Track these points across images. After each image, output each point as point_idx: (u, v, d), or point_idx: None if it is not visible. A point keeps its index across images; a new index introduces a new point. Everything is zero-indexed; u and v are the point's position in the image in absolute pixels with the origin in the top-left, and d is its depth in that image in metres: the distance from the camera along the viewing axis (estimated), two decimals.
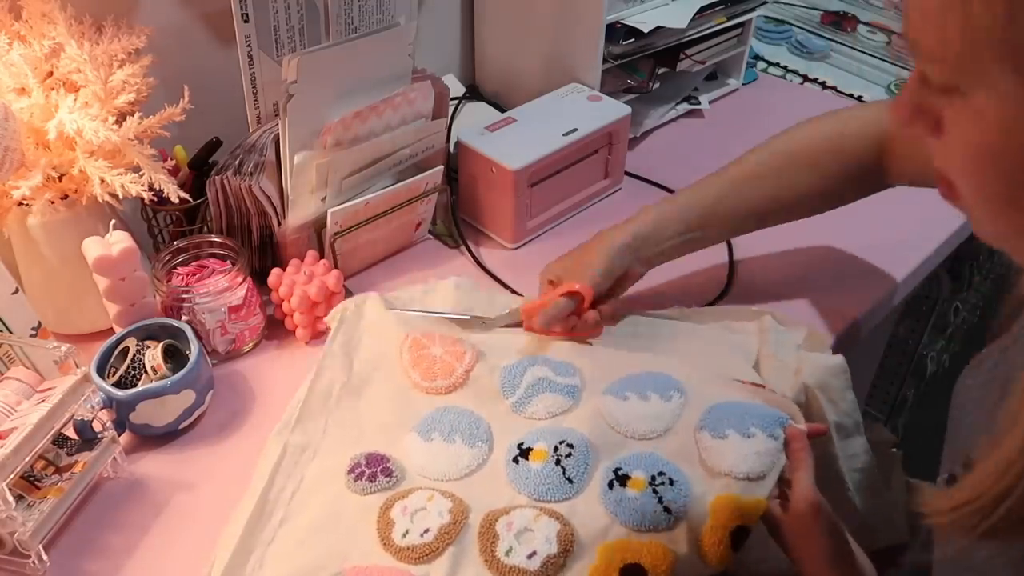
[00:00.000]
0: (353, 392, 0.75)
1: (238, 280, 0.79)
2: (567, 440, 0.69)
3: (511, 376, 0.76)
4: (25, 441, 0.62)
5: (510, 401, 0.74)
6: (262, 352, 0.84)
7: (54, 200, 0.76)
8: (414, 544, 0.62)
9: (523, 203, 0.94)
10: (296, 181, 0.81)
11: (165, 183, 0.74)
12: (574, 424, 0.71)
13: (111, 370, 0.73)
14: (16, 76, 0.73)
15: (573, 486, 0.66)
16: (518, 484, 0.67)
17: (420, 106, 0.89)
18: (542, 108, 1.00)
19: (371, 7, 0.90)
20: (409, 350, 0.77)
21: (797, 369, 0.76)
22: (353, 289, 0.90)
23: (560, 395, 0.74)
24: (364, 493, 0.66)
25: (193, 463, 0.73)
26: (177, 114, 0.78)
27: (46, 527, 0.64)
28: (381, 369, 0.77)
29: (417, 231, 0.97)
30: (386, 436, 0.72)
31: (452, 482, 0.68)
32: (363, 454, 0.69)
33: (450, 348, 0.77)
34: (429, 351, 0.77)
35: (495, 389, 0.75)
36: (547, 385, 0.74)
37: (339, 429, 0.72)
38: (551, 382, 0.75)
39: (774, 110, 1.23)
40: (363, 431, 0.73)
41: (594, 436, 0.70)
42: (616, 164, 1.03)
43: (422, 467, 0.69)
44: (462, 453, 0.70)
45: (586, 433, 0.70)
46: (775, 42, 1.42)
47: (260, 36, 0.82)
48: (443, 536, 0.63)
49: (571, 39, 1.05)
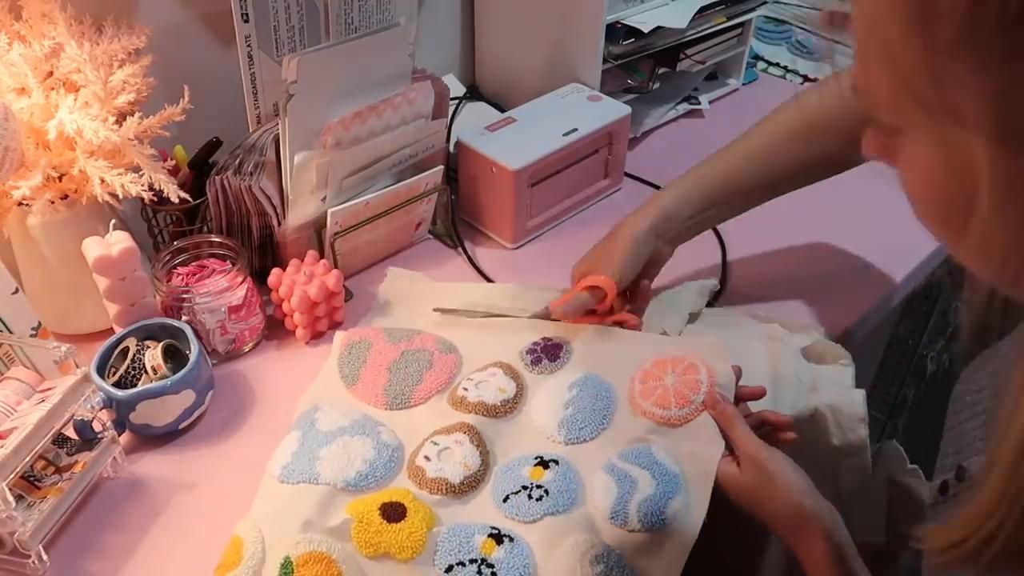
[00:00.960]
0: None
1: (238, 280, 0.79)
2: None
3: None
4: (25, 441, 0.62)
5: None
6: (262, 352, 0.84)
7: (54, 200, 0.76)
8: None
9: (523, 203, 0.94)
10: (296, 181, 0.81)
11: (165, 183, 0.74)
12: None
13: (111, 370, 0.73)
14: (16, 76, 0.73)
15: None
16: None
17: (420, 106, 0.89)
18: (542, 108, 1.00)
19: (371, 7, 0.90)
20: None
21: (812, 387, 0.77)
22: (353, 289, 0.90)
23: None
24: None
25: (193, 463, 0.73)
26: (177, 114, 0.78)
27: (46, 527, 0.64)
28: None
29: (417, 231, 0.97)
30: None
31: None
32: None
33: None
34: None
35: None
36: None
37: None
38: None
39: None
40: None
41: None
42: (616, 164, 1.03)
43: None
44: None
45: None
46: (775, 42, 1.42)
47: (260, 36, 0.82)
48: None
49: (571, 39, 1.05)
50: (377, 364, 0.78)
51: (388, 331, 0.81)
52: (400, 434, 0.73)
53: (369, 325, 0.85)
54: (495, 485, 0.68)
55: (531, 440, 0.72)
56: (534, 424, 0.73)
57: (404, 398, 0.75)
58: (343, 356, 0.79)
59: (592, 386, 0.73)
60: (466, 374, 0.77)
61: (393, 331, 0.81)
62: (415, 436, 0.72)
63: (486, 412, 0.73)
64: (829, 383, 0.77)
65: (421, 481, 0.68)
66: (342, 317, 0.86)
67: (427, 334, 0.81)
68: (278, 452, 0.70)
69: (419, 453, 0.70)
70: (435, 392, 0.76)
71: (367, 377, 0.77)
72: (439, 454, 0.70)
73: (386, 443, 0.71)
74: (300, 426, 0.72)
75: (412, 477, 0.69)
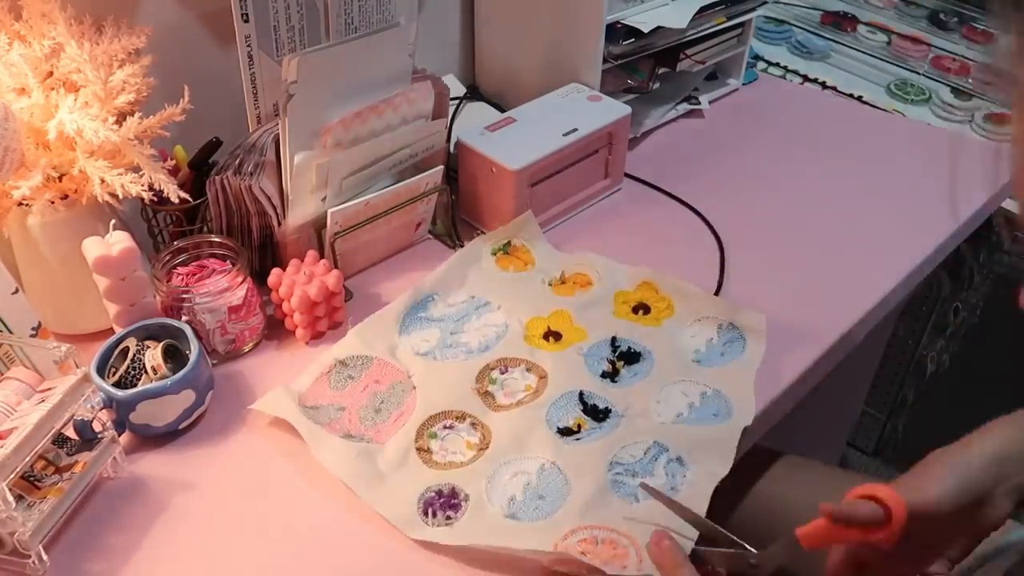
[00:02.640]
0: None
1: (238, 280, 0.79)
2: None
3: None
4: (25, 441, 0.62)
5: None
6: (262, 352, 0.84)
7: (54, 200, 0.76)
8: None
9: (523, 203, 0.94)
10: (296, 181, 0.81)
11: (165, 183, 0.74)
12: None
13: (111, 370, 0.73)
14: (16, 76, 0.73)
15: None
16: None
17: (420, 106, 0.89)
18: (542, 108, 1.00)
19: (371, 7, 0.90)
20: None
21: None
22: (353, 289, 0.90)
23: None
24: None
25: (193, 463, 0.73)
26: (177, 114, 0.78)
27: (46, 527, 0.64)
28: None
29: (417, 231, 0.97)
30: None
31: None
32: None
33: None
34: None
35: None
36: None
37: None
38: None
39: (774, 110, 1.23)
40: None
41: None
42: (616, 164, 1.03)
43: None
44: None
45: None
46: (775, 42, 1.42)
47: (260, 36, 0.82)
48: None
49: (571, 39, 1.05)
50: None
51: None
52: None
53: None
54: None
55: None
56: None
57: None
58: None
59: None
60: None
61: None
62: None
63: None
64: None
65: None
66: (342, 317, 0.86)
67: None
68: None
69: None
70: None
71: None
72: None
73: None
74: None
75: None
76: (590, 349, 0.82)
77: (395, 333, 0.83)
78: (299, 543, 0.66)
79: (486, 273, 0.91)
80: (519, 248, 0.94)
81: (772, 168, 1.10)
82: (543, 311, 0.86)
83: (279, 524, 0.68)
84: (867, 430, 1.66)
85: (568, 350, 0.82)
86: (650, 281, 0.90)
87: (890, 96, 1.28)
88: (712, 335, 0.83)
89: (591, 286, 0.90)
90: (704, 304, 0.86)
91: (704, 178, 1.07)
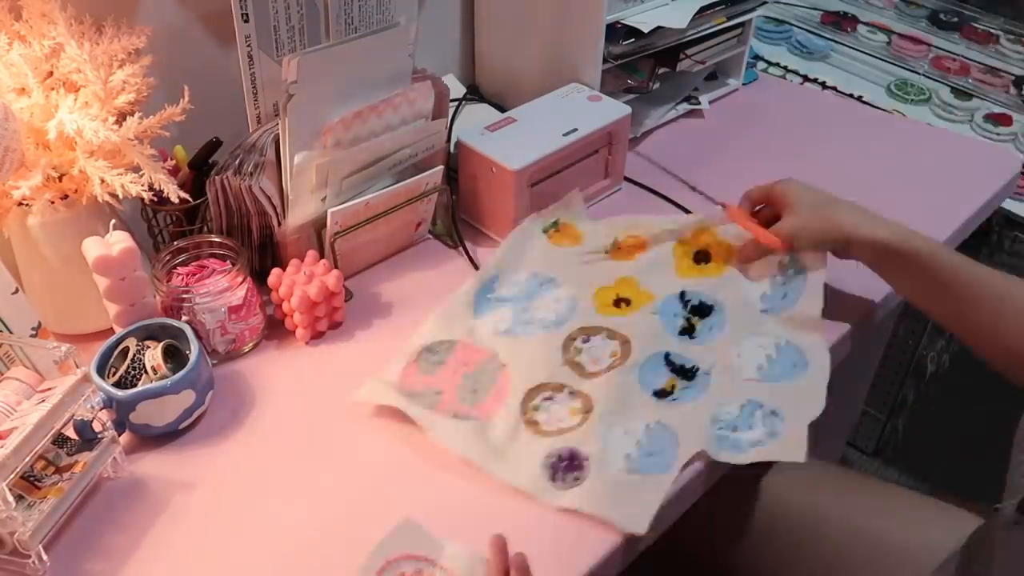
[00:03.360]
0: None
1: (238, 280, 0.79)
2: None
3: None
4: (25, 441, 0.62)
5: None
6: (262, 352, 0.84)
7: (54, 200, 0.76)
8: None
9: (523, 203, 0.94)
10: (296, 181, 0.81)
11: (165, 183, 0.74)
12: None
13: (111, 370, 0.73)
14: (16, 76, 0.73)
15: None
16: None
17: (420, 106, 0.89)
18: (542, 108, 1.00)
19: (371, 7, 0.90)
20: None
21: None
22: (353, 289, 0.90)
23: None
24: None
25: (193, 463, 0.73)
26: (177, 114, 0.78)
27: (46, 527, 0.64)
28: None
29: (417, 231, 0.97)
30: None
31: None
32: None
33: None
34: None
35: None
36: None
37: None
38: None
39: (774, 110, 1.23)
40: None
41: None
42: (616, 164, 1.03)
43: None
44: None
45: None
46: (775, 42, 1.42)
47: (260, 36, 0.82)
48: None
49: (571, 39, 1.05)
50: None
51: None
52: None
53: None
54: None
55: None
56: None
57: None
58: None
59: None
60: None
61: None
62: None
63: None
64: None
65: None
66: (342, 317, 0.86)
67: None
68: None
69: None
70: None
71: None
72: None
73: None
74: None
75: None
76: (662, 307, 0.85)
77: (470, 315, 0.85)
78: (299, 543, 0.66)
79: (542, 251, 0.93)
80: (567, 225, 0.96)
81: (772, 168, 1.10)
82: (607, 280, 0.89)
83: (279, 524, 0.68)
84: (867, 430, 1.67)
85: (641, 311, 0.85)
86: (706, 227, 0.92)
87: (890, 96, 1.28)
88: (774, 271, 0.87)
89: (648, 247, 0.92)
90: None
91: (704, 178, 1.07)
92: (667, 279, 0.89)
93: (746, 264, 0.88)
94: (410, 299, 0.90)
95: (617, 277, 0.89)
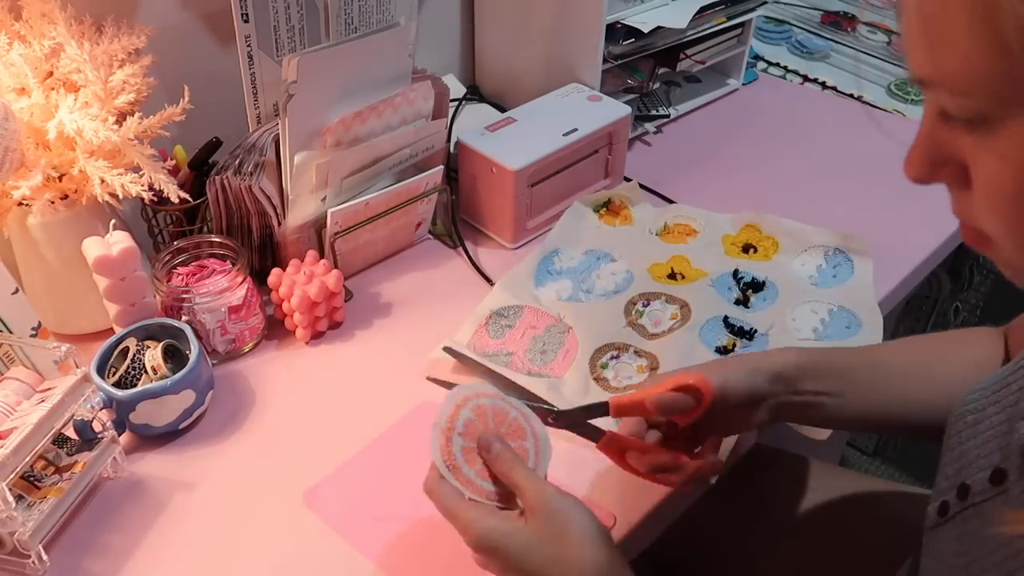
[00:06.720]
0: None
1: (238, 280, 0.79)
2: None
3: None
4: (25, 441, 0.62)
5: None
6: (262, 352, 0.84)
7: (54, 200, 0.76)
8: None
9: (523, 203, 0.94)
10: (296, 181, 0.81)
11: (165, 183, 0.74)
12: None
13: (111, 370, 0.73)
14: (16, 76, 0.73)
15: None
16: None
17: (420, 106, 0.89)
18: (542, 108, 1.00)
19: (371, 7, 0.90)
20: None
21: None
22: (353, 289, 0.90)
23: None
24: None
25: (193, 463, 0.73)
26: (177, 114, 0.78)
27: (46, 527, 0.64)
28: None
29: (417, 231, 0.97)
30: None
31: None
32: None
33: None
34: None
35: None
36: None
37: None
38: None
39: (774, 110, 1.23)
40: None
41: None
42: (616, 164, 1.03)
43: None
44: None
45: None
46: (775, 42, 1.42)
47: (260, 36, 0.82)
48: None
49: (571, 39, 1.05)
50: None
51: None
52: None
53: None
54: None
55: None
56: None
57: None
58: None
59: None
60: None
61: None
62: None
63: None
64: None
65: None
66: (342, 317, 0.86)
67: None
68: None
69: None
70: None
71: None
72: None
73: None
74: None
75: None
76: (717, 280, 0.89)
77: (532, 286, 0.89)
78: (299, 542, 0.66)
79: (595, 229, 0.97)
80: (619, 204, 1.00)
81: (772, 168, 1.10)
82: (661, 258, 0.93)
83: (279, 524, 0.68)
84: None
85: (698, 282, 0.89)
86: (753, 224, 0.97)
87: (890, 96, 1.28)
88: (820, 261, 0.92)
89: (697, 234, 0.97)
90: (810, 235, 0.94)
91: (703, 178, 1.07)
92: (718, 260, 0.92)
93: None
94: (410, 299, 0.90)
95: (670, 255, 0.93)
